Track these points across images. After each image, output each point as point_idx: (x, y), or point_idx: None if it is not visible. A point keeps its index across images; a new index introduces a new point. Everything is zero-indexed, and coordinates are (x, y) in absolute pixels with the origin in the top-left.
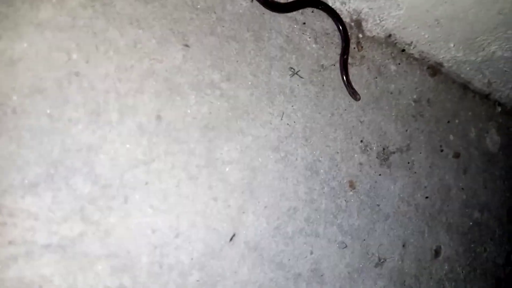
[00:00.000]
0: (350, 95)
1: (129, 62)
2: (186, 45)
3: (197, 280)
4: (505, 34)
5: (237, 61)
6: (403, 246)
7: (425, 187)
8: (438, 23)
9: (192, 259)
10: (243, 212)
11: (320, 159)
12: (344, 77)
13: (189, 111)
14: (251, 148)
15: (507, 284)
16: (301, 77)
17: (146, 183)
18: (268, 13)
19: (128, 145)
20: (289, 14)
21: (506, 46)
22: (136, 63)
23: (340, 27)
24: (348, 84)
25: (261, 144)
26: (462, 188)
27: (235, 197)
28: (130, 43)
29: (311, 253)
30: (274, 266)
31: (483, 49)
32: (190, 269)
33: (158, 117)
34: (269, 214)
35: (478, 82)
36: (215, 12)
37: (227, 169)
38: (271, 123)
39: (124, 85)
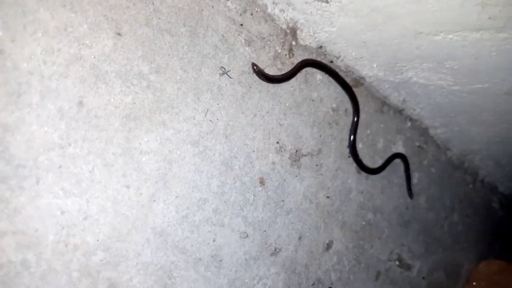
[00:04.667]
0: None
1: (57, 45)
2: (119, 34)
3: (101, 260)
4: (421, 65)
5: (168, 55)
6: (299, 238)
7: (328, 188)
8: (365, 44)
9: (98, 240)
10: (154, 201)
11: (237, 156)
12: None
13: (112, 99)
14: (171, 141)
15: (386, 277)
16: (230, 77)
17: (60, 167)
18: (207, 10)
19: (46, 128)
20: (228, 14)
21: (421, 75)
22: (64, 47)
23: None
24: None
25: (182, 137)
26: (361, 192)
27: (148, 186)
28: (61, 26)
29: (214, 240)
30: (177, 251)
31: (402, 73)
32: (94, 250)
33: (80, 103)
34: (179, 204)
35: (394, 99)
36: (153, 3)
37: (143, 159)
38: (194, 119)
39: (49, 68)
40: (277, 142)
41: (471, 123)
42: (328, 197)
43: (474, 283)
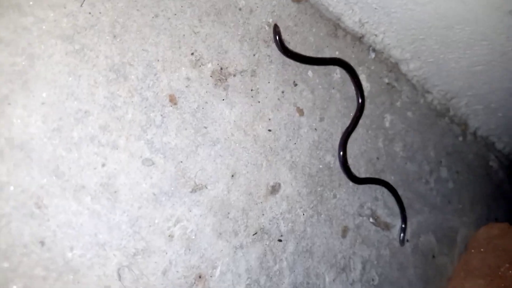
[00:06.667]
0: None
1: None
2: None
3: None
4: None
5: None
6: (232, 176)
7: (270, 119)
8: None
9: None
10: (9, 104)
11: (132, 63)
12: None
13: None
14: (31, 31)
15: (356, 234)
16: None
17: None
18: None
19: None
20: None
21: None
22: None
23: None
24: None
25: (47, 29)
26: (315, 129)
27: None
28: None
29: (103, 165)
30: (48, 172)
31: None
32: None
33: None
34: (48, 113)
35: (348, 20)
36: None
37: None
38: (65, 8)
39: None
40: (192, 54)
41: (444, 47)
42: (270, 130)
43: (472, 251)
